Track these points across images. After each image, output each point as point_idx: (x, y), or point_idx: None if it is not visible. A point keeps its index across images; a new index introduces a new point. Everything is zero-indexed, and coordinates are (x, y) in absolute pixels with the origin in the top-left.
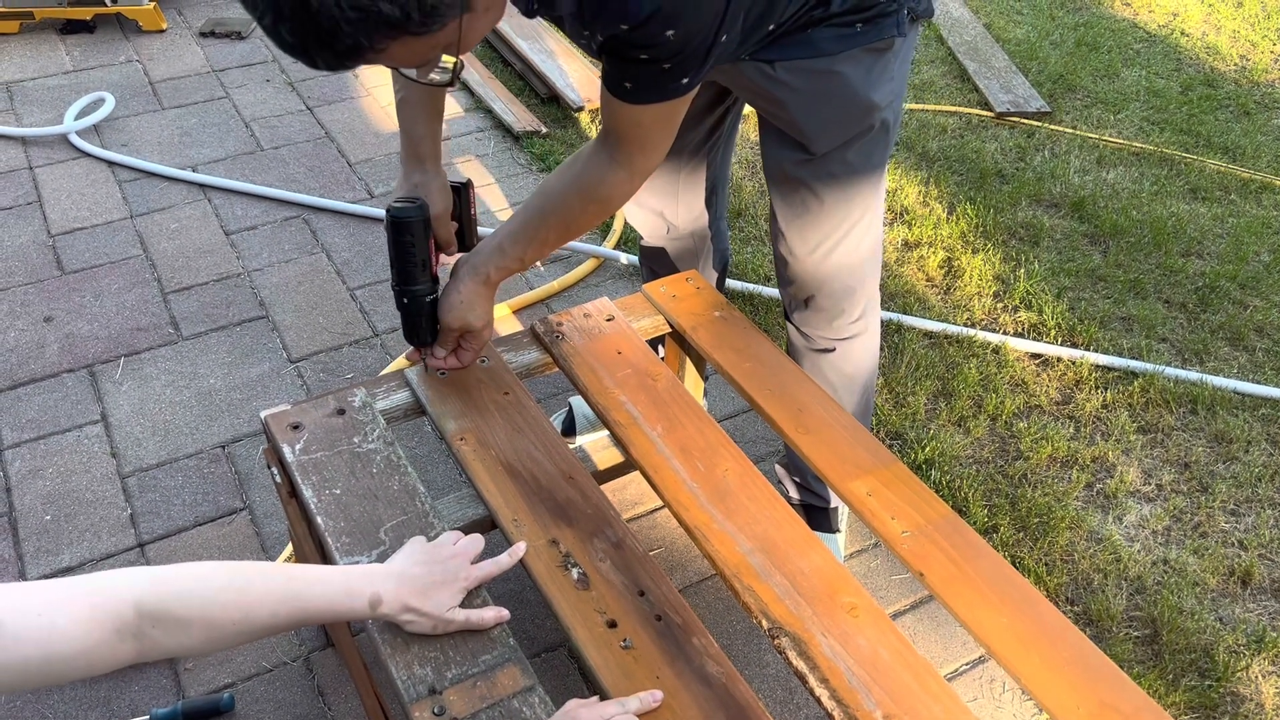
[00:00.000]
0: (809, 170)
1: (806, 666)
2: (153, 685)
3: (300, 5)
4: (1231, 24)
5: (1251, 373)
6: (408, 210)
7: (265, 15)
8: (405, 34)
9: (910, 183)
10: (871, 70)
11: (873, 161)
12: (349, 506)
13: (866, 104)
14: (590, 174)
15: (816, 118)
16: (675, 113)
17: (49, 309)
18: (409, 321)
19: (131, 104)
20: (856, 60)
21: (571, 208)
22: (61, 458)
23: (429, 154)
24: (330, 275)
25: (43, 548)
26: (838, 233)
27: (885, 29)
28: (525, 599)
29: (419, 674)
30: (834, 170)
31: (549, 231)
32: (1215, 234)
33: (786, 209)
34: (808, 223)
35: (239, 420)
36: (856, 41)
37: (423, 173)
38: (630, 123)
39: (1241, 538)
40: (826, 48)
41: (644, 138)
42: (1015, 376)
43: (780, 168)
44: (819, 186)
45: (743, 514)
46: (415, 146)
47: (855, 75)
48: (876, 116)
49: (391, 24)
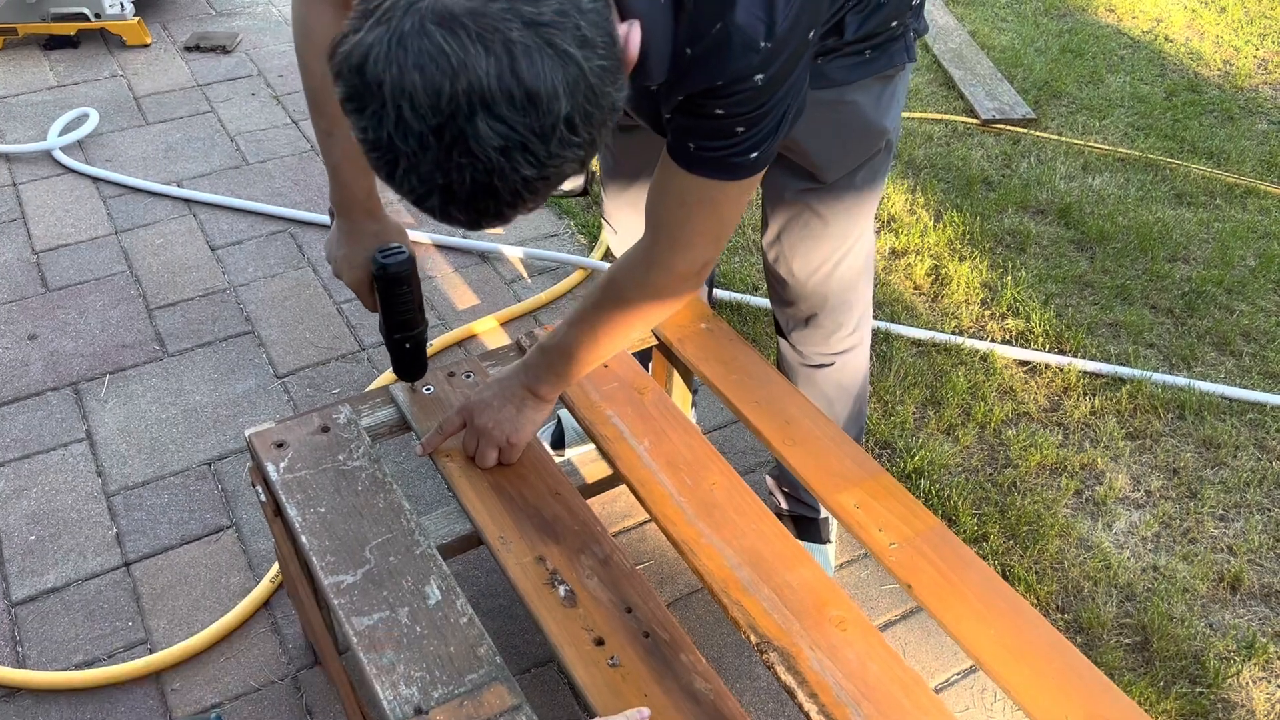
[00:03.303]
0: (815, 195)
1: (795, 681)
2: (139, 706)
3: (482, 188)
4: (1215, 29)
5: (1239, 377)
6: (400, 261)
7: (429, 198)
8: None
9: (897, 191)
10: (881, 96)
11: (876, 181)
12: (334, 525)
13: (878, 129)
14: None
15: (829, 147)
16: (727, 200)
17: (33, 327)
18: (407, 362)
19: (116, 119)
20: (867, 88)
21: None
22: (46, 477)
23: (376, 202)
24: (316, 290)
25: (28, 568)
26: (839, 252)
27: (895, 55)
28: (514, 614)
29: (405, 694)
30: (840, 194)
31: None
32: (1201, 239)
33: (789, 233)
34: (811, 245)
35: (225, 437)
36: (868, 70)
37: (376, 220)
38: (676, 201)
39: (1231, 543)
40: (838, 77)
41: (687, 221)
42: (1003, 384)
43: (783, 193)
44: (824, 210)
45: (730, 528)
46: (365, 199)
47: (866, 103)
48: (884, 140)
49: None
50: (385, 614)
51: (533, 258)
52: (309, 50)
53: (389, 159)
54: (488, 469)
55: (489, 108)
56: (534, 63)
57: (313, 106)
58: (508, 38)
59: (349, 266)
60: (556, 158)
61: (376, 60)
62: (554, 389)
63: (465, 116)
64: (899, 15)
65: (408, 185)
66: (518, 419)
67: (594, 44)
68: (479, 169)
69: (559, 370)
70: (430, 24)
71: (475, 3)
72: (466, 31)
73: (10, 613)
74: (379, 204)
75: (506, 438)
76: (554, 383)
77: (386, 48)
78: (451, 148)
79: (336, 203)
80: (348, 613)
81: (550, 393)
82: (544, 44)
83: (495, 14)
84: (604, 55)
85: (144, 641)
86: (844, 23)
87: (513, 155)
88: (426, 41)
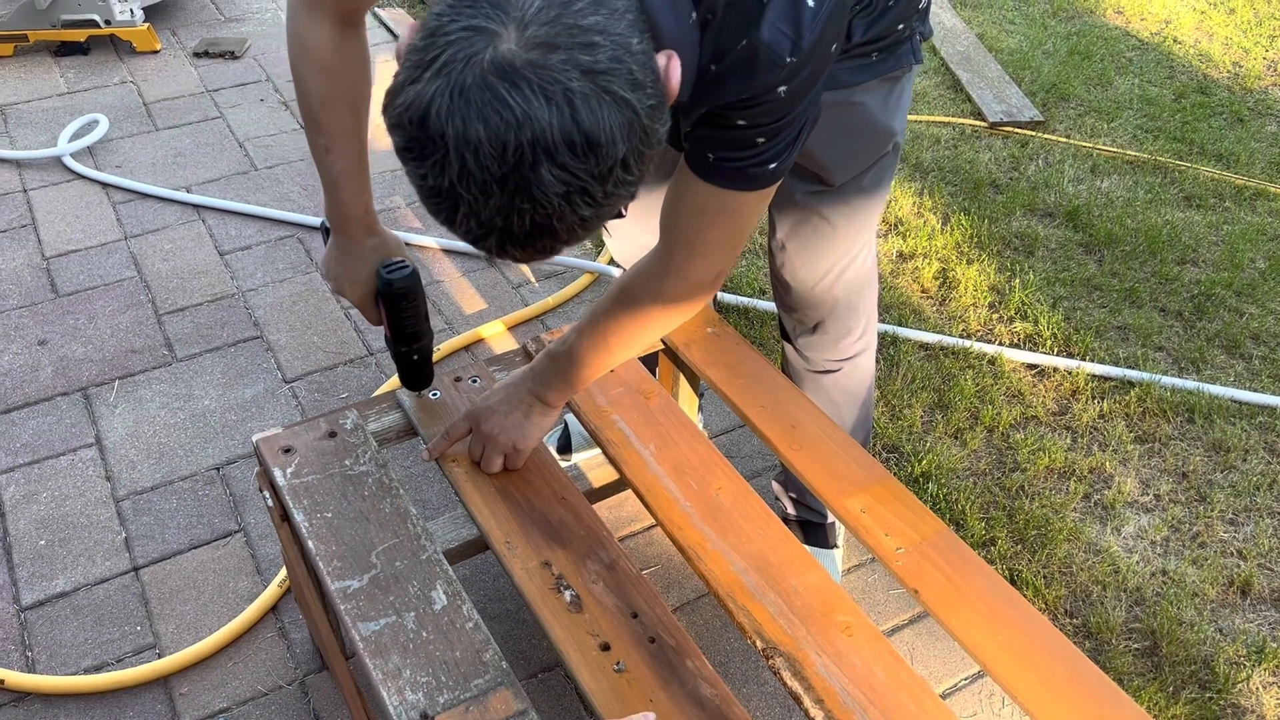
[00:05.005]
0: (822, 199)
1: (801, 687)
2: (147, 711)
3: (541, 229)
4: (1224, 31)
5: (1248, 381)
6: (405, 276)
7: (486, 239)
8: None
9: (904, 194)
10: (889, 98)
11: (882, 185)
12: (340, 530)
13: (885, 131)
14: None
15: (836, 150)
16: (744, 210)
17: (43, 332)
18: (415, 373)
19: (125, 125)
20: (874, 90)
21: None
22: (56, 482)
23: (374, 218)
24: (324, 295)
25: (38, 573)
26: (845, 258)
27: (902, 58)
28: (521, 619)
29: (411, 699)
30: (848, 197)
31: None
32: (1210, 241)
33: (795, 237)
34: (818, 250)
35: (234, 442)
36: (875, 71)
37: (374, 235)
38: (694, 211)
39: (1240, 547)
40: (846, 79)
41: (704, 231)
42: (1011, 387)
43: (790, 197)
44: (831, 214)
45: (736, 532)
46: (364, 215)
47: (874, 104)
48: (892, 142)
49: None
50: (391, 619)
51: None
52: (306, 65)
53: (449, 205)
54: (493, 474)
55: (552, 156)
56: (593, 111)
57: (310, 123)
58: (568, 88)
59: (351, 283)
60: (612, 196)
61: (439, 112)
62: (561, 396)
63: (530, 165)
64: (905, 19)
65: (466, 228)
66: (525, 425)
67: (644, 85)
68: (540, 213)
69: (567, 377)
70: (492, 76)
71: (535, 54)
72: (528, 83)
73: (20, 617)
74: (376, 220)
75: (513, 444)
76: (561, 389)
77: (449, 100)
78: (515, 194)
79: (334, 220)
80: (354, 618)
81: (558, 399)
82: (601, 91)
83: (555, 65)
84: (652, 95)
85: (152, 646)
86: (851, 26)
87: (573, 199)
88: (489, 94)
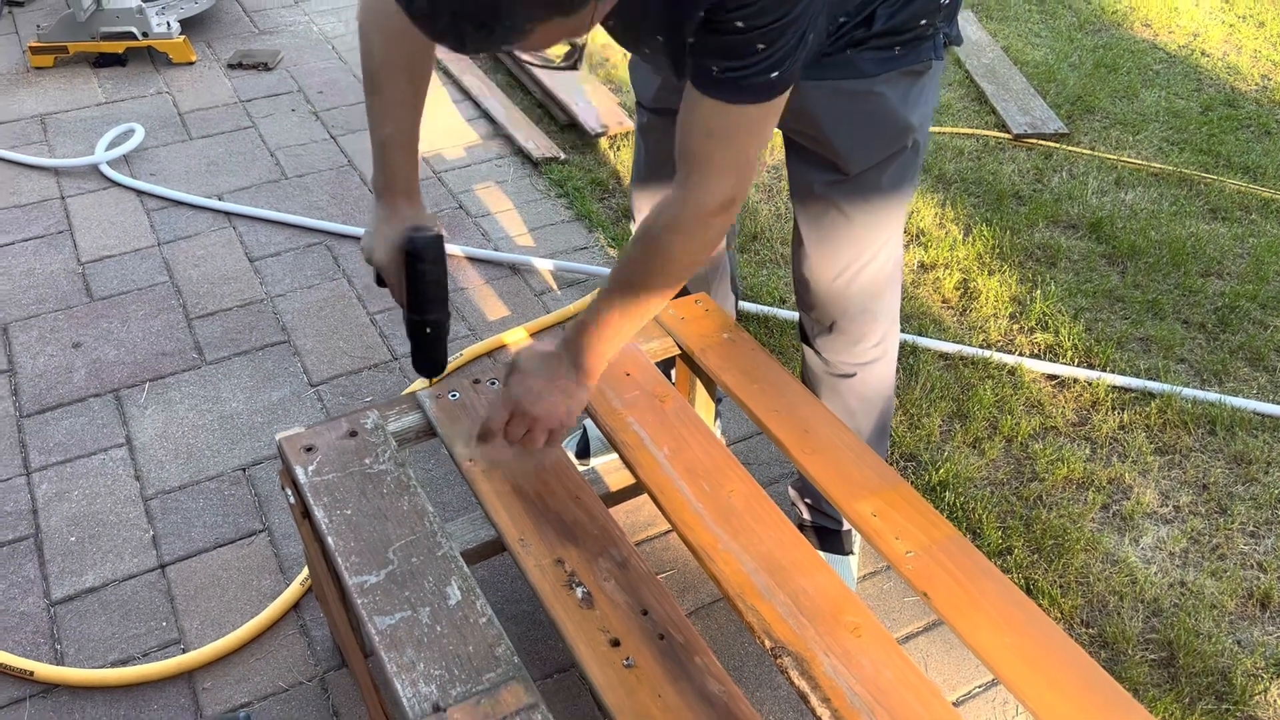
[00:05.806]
0: (840, 190)
1: (808, 686)
2: (171, 704)
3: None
4: (1253, 44)
5: (1272, 393)
6: (429, 238)
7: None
8: (556, 14)
9: (927, 205)
10: (909, 92)
11: (903, 184)
12: (359, 526)
13: (903, 125)
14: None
15: (852, 138)
16: (749, 125)
17: (78, 335)
18: (428, 349)
19: (161, 134)
20: (894, 83)
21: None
22: (87, 480)
23: (416, 190)
24: (351, 300)
25: (68, 569)
26: (864, 255)
27: (923, 53)
28: (537, 620)
29: (424, 692)
30: (866, 191)
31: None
32: (1235, 254)
33: (814, 231)
34: (836, 245)
35: (259, 443)
36: (895, 64)
37: (413, 205)
38: (700, 132)
39: (1261, 560)
40: (866, 69)
41: (714, 152)
42: (1031, 398)
43: (810, 188)
44: (849, 207)
45: (748, 534)
46: (406, 183)
47: (893, 96)
48: (910, 138)
49: (548, 5)
50: (407, 614)
51: (562, 270)
52: (371, 26)
53: None
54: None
55: None
56: None
57: (368, 84)
58: None
59: (381, 244)
60: None
61: None
62: (599, 357)
63: None
64: (928, 14)
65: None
66: (569, 403)
67: None
68: None
69: (602, 335)
70: None
71: None
72: None
73: (50, 611)
74: (419, 192)
75: (559, 420)
76: (599, 350)
77: None
78: None
79: (376, 185)
80: (370, 612)
81: (596, 362)
82: None
83: None
84: None
85: (177, 641)
86: (875, 15)
87: None
88: None
